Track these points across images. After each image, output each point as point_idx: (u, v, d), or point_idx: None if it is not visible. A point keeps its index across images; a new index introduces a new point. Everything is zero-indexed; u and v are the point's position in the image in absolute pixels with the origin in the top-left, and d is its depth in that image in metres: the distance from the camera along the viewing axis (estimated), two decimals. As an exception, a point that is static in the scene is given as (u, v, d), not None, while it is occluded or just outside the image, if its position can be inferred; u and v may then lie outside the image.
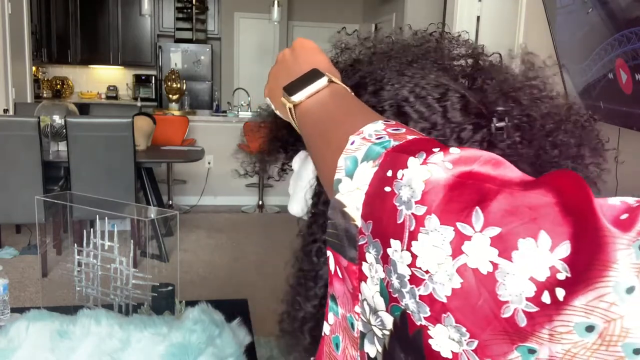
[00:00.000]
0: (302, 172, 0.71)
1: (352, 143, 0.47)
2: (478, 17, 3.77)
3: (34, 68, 6.29)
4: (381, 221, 0.41)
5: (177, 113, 6.12)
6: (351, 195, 0.44)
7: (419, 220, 0.38)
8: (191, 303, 1.51)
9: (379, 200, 0.42)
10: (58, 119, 4.03)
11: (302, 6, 8.08)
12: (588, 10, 2.21)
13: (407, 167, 0.41)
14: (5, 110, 4.68)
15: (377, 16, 7.40)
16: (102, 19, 8.02)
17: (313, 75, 0.58)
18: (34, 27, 6.84)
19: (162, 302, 1.65)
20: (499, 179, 0.38)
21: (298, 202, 0.73)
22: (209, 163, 5.53)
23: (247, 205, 5.83)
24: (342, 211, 0.45)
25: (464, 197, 0.38)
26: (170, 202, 5.54)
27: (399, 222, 0.40)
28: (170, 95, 6.43)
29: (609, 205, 0.35)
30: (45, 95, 7.89)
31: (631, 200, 0.35)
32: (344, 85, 0.58)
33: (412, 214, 0.39)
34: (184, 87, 6.63)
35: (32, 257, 4.00)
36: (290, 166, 0.77)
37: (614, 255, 0.32)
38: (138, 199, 4.18)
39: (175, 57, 7.95)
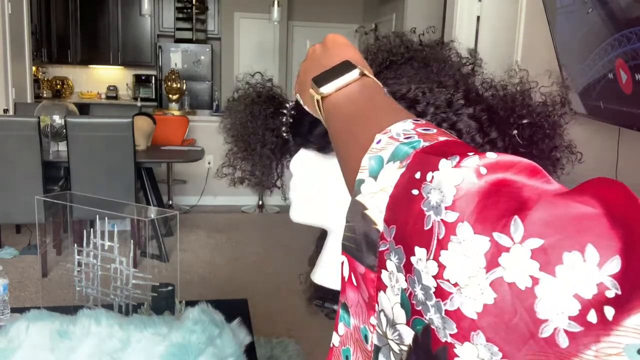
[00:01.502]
0: (304, 176, 0.70)
1: (379, 142, 0.44)
2: (478, 17, 3.77)
3: (34, 68, 6.29)
4: (406, 226, 0.39)
5: (177, 113, 6.12)
6: (374, 197, 0.42)
7: (450, 228, 0.36)
8: (191, 303, 1.51)
9: (405, 204, 0.39)
10: (58, 119, 4.03)
11: (302, 6, 8.08)
12: (588, 10, 2.21)
13: (437, 170, 0.38)
14: (5, 110, 4.68)
15: (377, 16, 7.39)
16: (102, 19, 8.02)
17: (344, 67, 0.55)
18: (34, 27, 6.84)
19: (162, 302, 1.65)
20: (537, 187, 0.36)
21: (302, 209, 0.71)
22: (209, 163, 5.53)
23: (247, 205, 5.83)
24: (363, 214, 0.42)
25: (500, 204, 0.35)
26: (170, 202, 5.54)
27: (426, 228, 0.37)
28: (170, 95, 6.43)
29: None
30: (45, 95, 7.89)
31: None
32: (375, 80, 0.55)
33: (442, 220, 0.36)
34: (184, 87, 6.63)
35: (32, 257, 4.00)
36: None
37: None
38: (138, 199, 4.18)
39: (175, 57, 7.95)
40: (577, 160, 0.70)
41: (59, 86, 8.18)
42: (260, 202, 5.83)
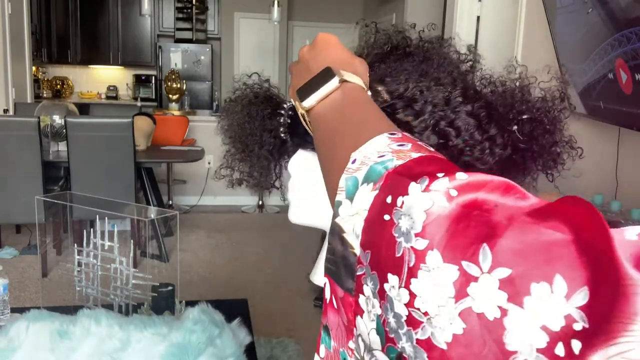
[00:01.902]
0: (303, 176, 0.70)
1: (354, 162, 0.43)
2: (478, 17, 3.77)
3: (34, 68, 6.29)
4: (380, 252, 0.38)
5: (177, 113, 6.12)
6: (350, 221, 0.41)
7: (419, 256, 0.35)
8: (191, 303, 1.51)
9: (379, 229, 0.38)
10: (58, 119, 4.03)
11: (302, 6, 8.08)
12: (588, 10, 2.21)
13: (407, 194, 0.37)
14: (5, 110, 4.68)
15: (377, 16, 7.39)
16: (102, 19, 8.02)
17: (325, 75, 0.54)
18: (34, 27, 6.84)
19: (162, 302, 1.65)
20: (508, 208, 0.35)
21: (301, 210, 0.71)
22: (209, 163, 5.53)
23: (247, 205, 5.83)
24: (341, 237, 0.42)
25: (469, 231, 0.34)
26: (170, 202, 5.54)
27: (397, 255, 0.36)
28: (170, 95, 6.43)
29: (628, 242, 0.31)
30: (45, 95, 7.89)
31: None
32: (359, 84, 0.54)
33: (412, 247, 0.36)
34: (184, 87, 6.63)
35: (32, 257, 4.00)
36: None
37: (638, 307, 0.29)
38: (138, 199, 4.18)
39: (175, 57, 7.95)
40: (577, 156, 0.70)
41: (59, 86, 8.17)
42: (260, 202, 5.83)
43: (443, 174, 0.38)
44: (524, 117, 0.66)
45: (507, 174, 0.69)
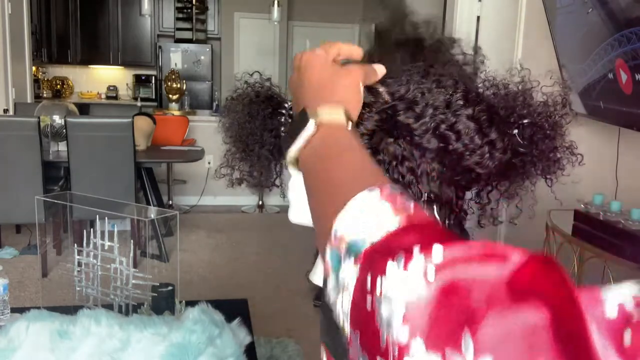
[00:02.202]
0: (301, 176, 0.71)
1: (335, 234, 0.43)
2: (478, 17, 3.77)
3: (34, 68, 6.29)
4: (366, 337, 0.38)
5: (177, 113, 6.12)
6: (339, 298, 0.41)
7: (403, 347, 0.35)
8: (191, 303, 1.51)
9: (364, 313, 0.38)
10: (58, 119, 4.03)
11: (302, 6, 8.07)
12: (588, 11, 2.21)
13: (385, 274, 0.37)
14: (5, 110, 4.68)
15: (377, 16, 7.39)
16: (102, 19, 8.01)
17: (302, 119, 0.54)
18: (34, 27, 6.84)
19: (162, 302, 1.65)
20: (487, 284, 0.35)
21: (301, 210, 0.70)
22: (209, 163, 5.53)
23: (247, 205, 5.83)
24: (332, 313, 0.42)
25: (450, 316, 0.34)
26: (170, 202, 5.54)
27: (382, 345, 0.36)
28: (170, 95, 6.43)
29: (605, 320, 0.31)
30: (45, 95, 7.89)
31: (629, 304, 0.31)
32: (338, 122, 0.54)
33: (395, 337, 0.35)
34: (184, 87, 6.63)
35: (32, 257, 4.00)
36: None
37: None
38: (138, 199, 4.18)
39: (175, 57, 7.95)
40: (577, 162, 0.70)
41: (59, 86, 8.17)
42: (260, 202, 5.83)
43: (419, 247, 0.37)
44: (525, 121, 0.66)
45: (506, 177, 0.69)
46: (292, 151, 0.54)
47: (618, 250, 1.99)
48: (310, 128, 0.53)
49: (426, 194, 0.64)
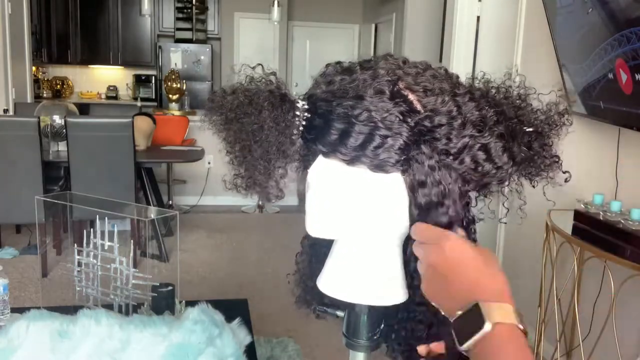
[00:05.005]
0: (327, 187, 0.66)
1: None
2: (478, 17, 3.77)
3: (34, 68, 6.29)
4: None
5: (177, 113, 6.12)
6: None
7: None
8: (191, 303, 1.51)
9: None
10: (58, 119, 4.03)
11: (302, 6, 8.08)
12: (588, 10, 2.21)
13: None
14: (5, 110, 4.68)
15: (377, 16, 7.39)
16: (102, 19, 8.02)
17: (474, 315, 0.56)
18: (34, 27, 6.84)
19: (162, 302, 1.65)
20: None
21: (325, 223, 0.67)
22: (209, 163, 5.53)
23: (247, 205, 5.83)
24: None
25: None
26: (170, 202, 5.54)
27: None
28: (170, 95, 6.43)
29: None
30: (45, 95, 7.89)
31: None
32: (512, 325, 0.55)
33: None
34: (184, 87, 6.63)
35: (32, 257, 4.00)
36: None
37: None
38: (138, 199, 4.18)
39: (175, 57, 7.95)
40: (559, 169, 0.70)
41: (59, 86, 8.17)
42: (260, 202, 5.83)
43: None
44: (530, 129, 0.66)
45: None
46: (468, 344, 0.55)
47: (618, 250, 1.99)
48: (486, 328, 0.54)
49: (453, 214, 0.63)
